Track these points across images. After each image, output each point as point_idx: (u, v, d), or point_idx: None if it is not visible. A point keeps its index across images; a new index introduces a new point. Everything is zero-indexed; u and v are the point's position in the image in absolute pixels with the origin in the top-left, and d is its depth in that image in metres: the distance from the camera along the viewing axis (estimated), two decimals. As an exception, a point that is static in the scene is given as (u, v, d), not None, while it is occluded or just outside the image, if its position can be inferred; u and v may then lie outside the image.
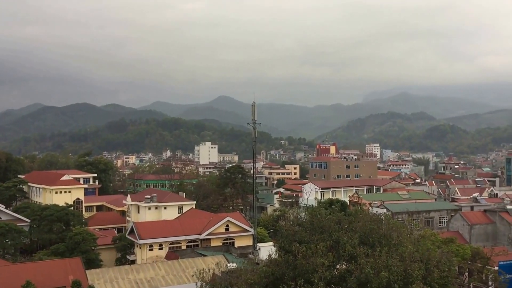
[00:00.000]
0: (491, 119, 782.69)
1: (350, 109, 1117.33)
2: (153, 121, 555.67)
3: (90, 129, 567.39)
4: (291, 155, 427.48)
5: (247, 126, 79.61)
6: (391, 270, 31.43)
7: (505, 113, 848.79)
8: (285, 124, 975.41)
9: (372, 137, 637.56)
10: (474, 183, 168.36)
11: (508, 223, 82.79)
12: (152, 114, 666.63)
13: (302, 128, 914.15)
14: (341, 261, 34.68)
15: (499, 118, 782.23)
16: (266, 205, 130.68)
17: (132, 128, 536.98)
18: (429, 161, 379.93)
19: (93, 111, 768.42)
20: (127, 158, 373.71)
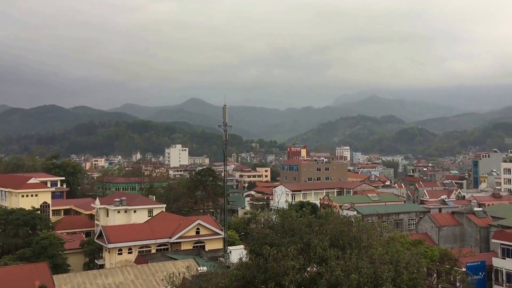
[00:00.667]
0: (458, 123, 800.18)
1: (321, 112, 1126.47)
2: (123, 123, 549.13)
3: (58, 131, 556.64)
4: (262, 157, 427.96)
5: (218, 128, 79.31)
6: (361, 272, 31.54)
7: (471, 116, 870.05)
8: (256, 126, 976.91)
9: (343, 140, 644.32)
10: (442, 185, 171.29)
11: (475, 224, 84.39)
12: (122, 116, 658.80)
13: (273, 131, 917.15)
14: (312, 263, 34.64)
15: (466, 121, 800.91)
16: (237, 208, 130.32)
17: (101, 131, 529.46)
18: (398, 164, 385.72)
19: (61, 113, 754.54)
20: (96, 161, 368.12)
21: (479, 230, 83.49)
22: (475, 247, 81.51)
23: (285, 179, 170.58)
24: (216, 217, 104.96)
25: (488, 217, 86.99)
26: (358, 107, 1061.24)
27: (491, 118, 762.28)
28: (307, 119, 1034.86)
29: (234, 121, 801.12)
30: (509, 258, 69.34)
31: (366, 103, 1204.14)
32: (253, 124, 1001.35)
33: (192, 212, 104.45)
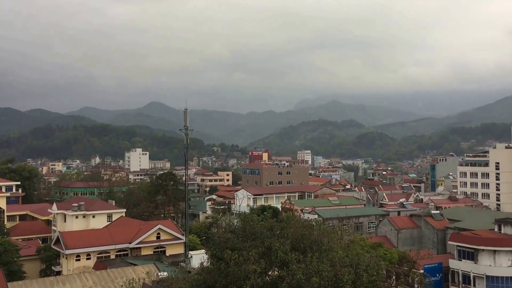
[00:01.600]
0: (417, 127, 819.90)
1: (282, 116, 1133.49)
2: (81, 127, 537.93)
3: (13, 134, 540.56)
4: (223, 161, 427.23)
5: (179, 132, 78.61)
6: (322, 276, 31.67)
7: (429, 121, 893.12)
8: (218, 130, 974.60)
9: (304, 144, 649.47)
10: (401, 188, 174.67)
11: (432, 227, 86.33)
12: (80, 119, 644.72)
13: (235, 135, 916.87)
14: (273, 267, 34.60)
15: (424, 126, 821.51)
16: (198, 212, 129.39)
17: (59, 134, 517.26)
18: (359, 168, 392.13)
19: (17, 116, 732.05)
20: (53, 165, 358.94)
21: (436, 233, 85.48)
22: (433, 249, 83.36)
23: (247, 183, 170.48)
24: (177, 221, 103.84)
25: (445, 219, 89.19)
26: (319, 112, 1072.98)
27: (447, 123, 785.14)
28: (268, 123, 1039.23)
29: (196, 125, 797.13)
30: (465, 260, 71.20)
31: (327, 107, 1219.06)
32: (215, 128, 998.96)
33: (153, 217, 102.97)
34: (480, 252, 69.11)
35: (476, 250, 69.57)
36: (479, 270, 68.77)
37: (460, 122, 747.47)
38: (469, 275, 70.01)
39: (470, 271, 69.80)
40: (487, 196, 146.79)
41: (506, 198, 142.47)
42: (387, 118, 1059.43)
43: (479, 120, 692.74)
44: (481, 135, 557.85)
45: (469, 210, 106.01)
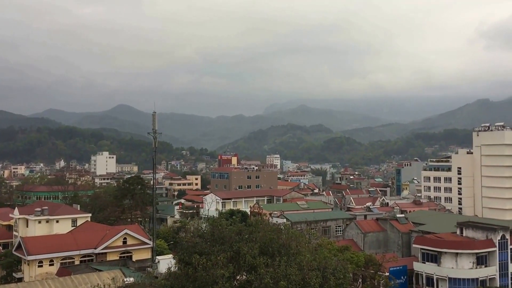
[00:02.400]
0: (383, 132, 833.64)
1: (252, 120, 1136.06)
2: (46, 129, 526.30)
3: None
4: (192, 165, 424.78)
5: (147, 135, 77.88)
6: (290, 279, 31.83)
7: (395, 126, 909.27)
8: (187, 134, 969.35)
9: (273, 148, 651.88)
10: (367, 193, 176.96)
11: (397, 230, 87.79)
12: (45, 122, 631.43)
13: (204, 139, 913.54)
14: (242, 271, 34.59)
15: (390, 131, 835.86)
16: (166, 217, 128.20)
17: (22, 137, 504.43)
18: (327, 172, 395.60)
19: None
20: (16, 168, 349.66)
21: (401, 236, 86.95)
22: (398, 252, 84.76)
23: (216, 187, 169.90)
24: (144, 226, 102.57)
25: (410, 223, 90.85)
26: (288, 116, 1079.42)
27: (412, 129, 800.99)
28: (238, 127, 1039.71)
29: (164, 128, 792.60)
30: (429, 262, 72.65)
31: (296, 112, 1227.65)
32: (184, 132, 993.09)
33: (119, 222, 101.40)
34: (443, 254, 70.65)
35: (439, 253, 71.08)
36: (442, 273, 70.28)
37: (424, 128, 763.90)
38: (432, 278, 71.46)
39: (434, 273, 71.25)
40: (450, 200, 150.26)
41: (467, 202, 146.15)
42: (354, 123, 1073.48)
43: (442, 126, 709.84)
44: (444, 141, 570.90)
45: (432, 214, 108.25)
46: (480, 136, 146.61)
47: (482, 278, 70.07)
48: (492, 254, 71.34)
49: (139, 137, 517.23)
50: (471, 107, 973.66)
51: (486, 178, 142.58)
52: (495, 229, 72.87)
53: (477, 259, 70.25)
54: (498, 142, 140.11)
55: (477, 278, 69.67)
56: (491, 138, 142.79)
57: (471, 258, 69.92)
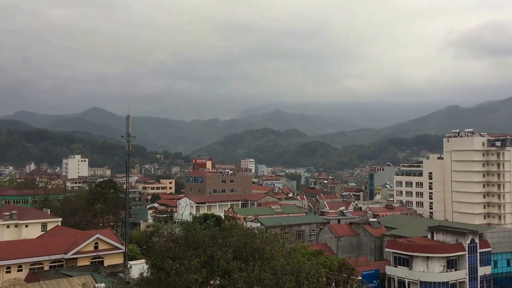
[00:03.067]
0: (356, 137, 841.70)
1: (227, 124, 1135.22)
2: (16, 131, 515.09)
3: None
4: (166, 169, 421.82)
5: (120, 139, 76.86)
6: (264, 284, 31.79)
7: (368, 131, 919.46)
8: (161, 138, 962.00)
9: (248, 152, 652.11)
10: (341, 197, 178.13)
11: (370, 234, 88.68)
12: (15, 124, 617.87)
13: (178, 142, 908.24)
14: (215, 276, 34.42)
15: (363, 136, 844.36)
16: (139, 221, 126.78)
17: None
18: (301, 176, 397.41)
19: None
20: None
21: (374, 240, 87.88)
22: (370, 256, 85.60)
23: (190, 191, 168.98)
24: (116, 230, 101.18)
25: (382, 227, 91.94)
26: (262, 121, 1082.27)
27: (385, 134, 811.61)
28: (212, 131, 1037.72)
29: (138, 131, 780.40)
30: (401, 266, 73.58)
31: (271, 116, 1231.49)
32: (158, 135, 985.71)
33: (91, 226, 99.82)
34: (415, 258, 71.65)
35: (410, 257, 72.06)
36: (413, 276, 71.24)
37: (397, 133, 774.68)
38: (404, 281, 72.39)
39: (405, 277, 72.18)
40: (421, 205, 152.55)
41: (438, 206, 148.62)
42: (328, 128, 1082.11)
43: (414, 132, 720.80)
44: (416, 146, 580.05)
45: (404, 218, 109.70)
46: (450, 142, 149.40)
47: (452, 282, 71.29)
48: (462, 258, 72.67)
49: (112, 140, 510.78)
50: (441, 113, 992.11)
51: (456, 183, 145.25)
52: (465, 233, 74.25)
53: (447, 263, 71.47)
54: (468, 148, 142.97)
55: (448, 281, 70.87)
56: (461, 144, 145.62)
57: (442, 262, 71.06)
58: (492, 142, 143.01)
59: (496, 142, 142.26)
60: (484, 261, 75.26)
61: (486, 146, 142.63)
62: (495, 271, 78.11)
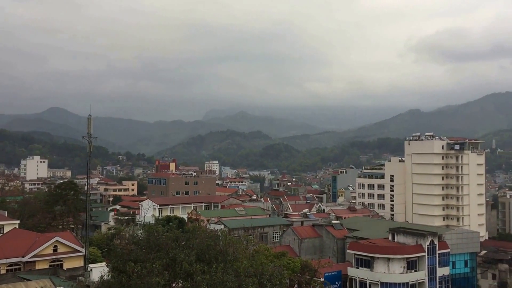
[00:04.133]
0: (320, 140, 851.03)
1: (191, 126, 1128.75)
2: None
3: None
4: (129, 171, 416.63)
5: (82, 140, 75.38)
6: (227, 286, 31.69)
7: (331, 134, 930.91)
8: (124, 139, 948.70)
9: (212, 154, 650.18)
10: (304, 199, 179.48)
11: (333, 236, 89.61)
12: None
13: (141, 144, 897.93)
14: (178, 279, 34.13)
15: (326, 139, 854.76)
16: (100, 224, 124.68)
17: None
18: (265, 178, 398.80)
19: None
20: None
21: (336, 242, 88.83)
22: (333, 257, 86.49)
23: (153, 193, 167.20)
24: (77, 233, 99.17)
25: (345, 229, 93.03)
26: (227, 122, 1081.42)
27: (348, 137, 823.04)
28: (176, 133, 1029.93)
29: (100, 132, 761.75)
30: (362, 268, 74.59)
31: (235, 118, 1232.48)
32: (120, 136, 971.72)
33: (50, 229, 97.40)
34: (376, 260, 72.76)
35: (372, 258, 73.14)
36: (374, 277, 72.33)
37: (359, 136, 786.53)
38: (365, 282, 73.40)
39: (367, 278, 73.21)
40: (383, 207, 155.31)
41: (399, 208, 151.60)
42: (292, 131, 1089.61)
43: (376, 135, 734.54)
44: (378, 149, 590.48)
45: (366, 220, 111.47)
46: (411, 145, 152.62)
47: (412, 282, 72.73)
48: (421, 259, 74.23)
49: (73, 141, 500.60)
50: (403, 117, 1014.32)
51: (416, 186, 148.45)
52: (424, 234, 75.87)
53: (407, 264, 72.86)
54: (428, 151, 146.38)
55: (407, 282, 72.25)
56: (421, 147, 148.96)
57: (402, 263, 72.42)
58: (451, 145, 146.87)
59: (455, 146, 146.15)
60: (442, 262, 77.06)
61: (445, 149, 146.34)
62: (453, 272, 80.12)
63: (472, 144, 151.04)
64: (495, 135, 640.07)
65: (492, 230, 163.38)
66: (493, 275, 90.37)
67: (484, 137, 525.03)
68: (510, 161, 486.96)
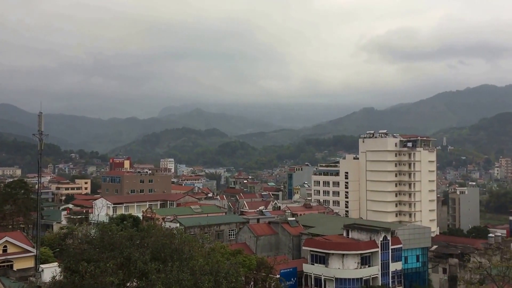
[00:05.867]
0: (276, 137, 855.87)
1: (146, 123, 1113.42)
2: None
3: None
4: (82, 169, 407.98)
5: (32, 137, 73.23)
6: (182, 285, 31.56)
7: (287, 132, 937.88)
8: (77, 136, 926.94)
9: (167, 152, 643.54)
10: (260, 196, 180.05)
11: (288, 233, 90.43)
12: None
13: (95, 141, 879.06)
14: (132, 278, 33.75)
15: (282, 136, 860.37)
16: (52, 223, 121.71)
17: None
18: (221, 176, 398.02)
19: None
20: None
21: (292, 238, 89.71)
22: (289, 254, 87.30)
23: (107, 191, 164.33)
24: (27, 233, 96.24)
25: (300, 226, 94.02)
26: (183, 120, 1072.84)
27: (303, 134, 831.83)
28: (131, 130, 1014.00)
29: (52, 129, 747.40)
30: (317, 264, 75.66)
31: (191, 116, 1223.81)
32: (73, 134, 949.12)
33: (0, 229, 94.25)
34: (331, 256, 73.95)
35: (327, 254, 74.29)
36: (329, 273, 73.51)
37: (315, 134, 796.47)
38: (320, 278, 74.50)
39: (322, 274, 74.31)
40: (338, 203, 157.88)
41: (353, 205, 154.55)
42: (248, 128, 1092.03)
43: (332, 133, 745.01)
44: (333, 146, 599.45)
45: (321, 217, 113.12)
46: (366, 142, 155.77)
47: (366, 278, 74.34)
48: (375, 255, 75.93)
49: (23, 138, 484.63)
50: (357, 115, 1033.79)
51: (370, 182, 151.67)
52: (378, 230, 77.63)
53: (361, 260, 74.37)
54: (381, 148, 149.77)
55: (361, 277, 73.80)
56: (375, 144, 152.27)
57: (356, 258, 73.87)
58: (404, 143, 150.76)
59: (408, 143, 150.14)
60: (395, 257, 79.05)
61: (398, 146, 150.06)
62: (406, 267, 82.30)
63: (424, 141, 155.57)
64: (446, 133, 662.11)
65: (443, 226, 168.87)
66: (443, 269, 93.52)
67: (435, 134, 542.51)
68: (460, 158, 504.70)
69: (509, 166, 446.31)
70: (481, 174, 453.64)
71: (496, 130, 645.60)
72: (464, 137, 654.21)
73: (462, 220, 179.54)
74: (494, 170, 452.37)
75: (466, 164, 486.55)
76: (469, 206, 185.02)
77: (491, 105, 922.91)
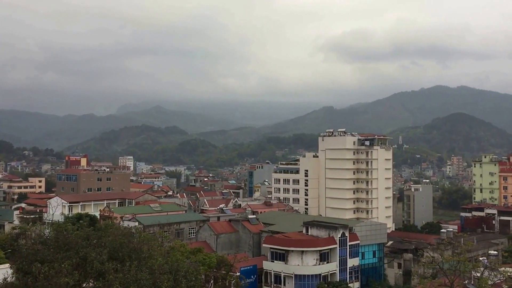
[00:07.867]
0: (236, 135, 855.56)
1: (104, 120, 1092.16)
2: None
3: None
4: (36, 167, 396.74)
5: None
6: (140, 284, 31.02)
7: (248, 130, 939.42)
8: (30, 133, 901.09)
9: (126, 149, 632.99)
10: (221, 194, 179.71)
11: (249, 231, 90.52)
12: None
13: (50, 138, 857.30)
14: (88, 279, 32.92)
15: (243, 134, 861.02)
16: (4, 223, 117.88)
17: None
18: (181, 174, 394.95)
19: None
20: None
21: (252, 236, 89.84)
22: (249, 252, 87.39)
23: (62, 190, 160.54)
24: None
25: (260, 223, 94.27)
26: (142, 117, 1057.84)
27: (264, 133, 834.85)
28: (88, 127, 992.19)
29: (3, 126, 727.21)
30: (277, 261, 75.97)
31: (150, 113, 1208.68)
32: (26, 131, 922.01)
33: None
34: (290, 253, 74.38)
35: (286, 251, 74.68)
36: (288, 270, 73.92)
37: (275, 132, 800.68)
38: (280, 275, 74.83)
39: (281, 271, 74.67)
40: (297, 201, 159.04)
41: (313, 202, 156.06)
42: (209, 126, 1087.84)
43: (292, 131, 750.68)
44: (293, 145, 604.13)
45: (281, 214, 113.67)
46: (325, 140, 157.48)
47: (324, 274, 75.14)
48: (333, 251, 76.86)
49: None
50: (317, 113, 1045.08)
51: (329, 180, 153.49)
52: (336, 227, 78.60)
53: (320, 256, 75.14)
54: (340, 146, 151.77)
55: (320, 274, 74.54)
56: (334, 143, 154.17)
57: (315, 255, 74.57)
58: (362, 141, 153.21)
59: (366, 142, 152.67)
60: (353, 253, 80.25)
61: (356, 145, 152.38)
62: (363, 262, 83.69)
63: (381, 140, 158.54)
64: (402, 132, 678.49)
65: (398, 222, 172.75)
66: (398, 264, 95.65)
67: (392, 133, 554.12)
68: (415, 156, 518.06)
69: (460, 164, 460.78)
70: (434, 172, 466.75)
71: (449, 129, 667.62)
72: (419, 136, 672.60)
73: (416, 216, 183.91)
74: (446, 168, 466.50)
75: (420, 162, 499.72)
76: (423, 203, 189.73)
77: (444, 106, 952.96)
